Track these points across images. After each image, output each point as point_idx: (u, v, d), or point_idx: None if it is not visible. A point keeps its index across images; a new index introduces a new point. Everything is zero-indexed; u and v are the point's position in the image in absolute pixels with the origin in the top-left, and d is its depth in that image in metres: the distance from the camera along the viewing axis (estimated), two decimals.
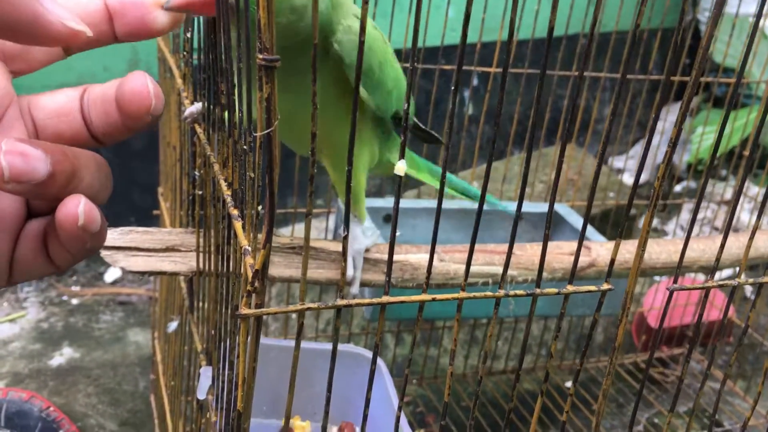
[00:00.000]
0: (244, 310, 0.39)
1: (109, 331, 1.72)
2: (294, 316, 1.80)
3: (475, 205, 1.33)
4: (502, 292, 0.45)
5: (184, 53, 0.72)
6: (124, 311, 1.81)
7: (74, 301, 1.82)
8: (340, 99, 0.66)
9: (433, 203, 1.32)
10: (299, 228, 1.95)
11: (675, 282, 0.51)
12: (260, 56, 0.33)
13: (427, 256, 0.79)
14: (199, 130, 0.64)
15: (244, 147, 0.43)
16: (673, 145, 0.44)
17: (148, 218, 1.94)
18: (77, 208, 0.32)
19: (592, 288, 0.47)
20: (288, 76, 0.54)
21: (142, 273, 0.69)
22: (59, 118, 0.36)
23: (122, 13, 0.35)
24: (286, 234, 1.07)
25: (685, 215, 2.36)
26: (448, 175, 0.91)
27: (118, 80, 0.36)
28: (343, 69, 0.63)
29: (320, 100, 0.62)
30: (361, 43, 0.35)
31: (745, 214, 2.22)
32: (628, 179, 2.56)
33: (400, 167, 0.39)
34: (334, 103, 0.66)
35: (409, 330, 1.57)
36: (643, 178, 2.63)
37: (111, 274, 1.93)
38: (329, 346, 0.78)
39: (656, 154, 2.45)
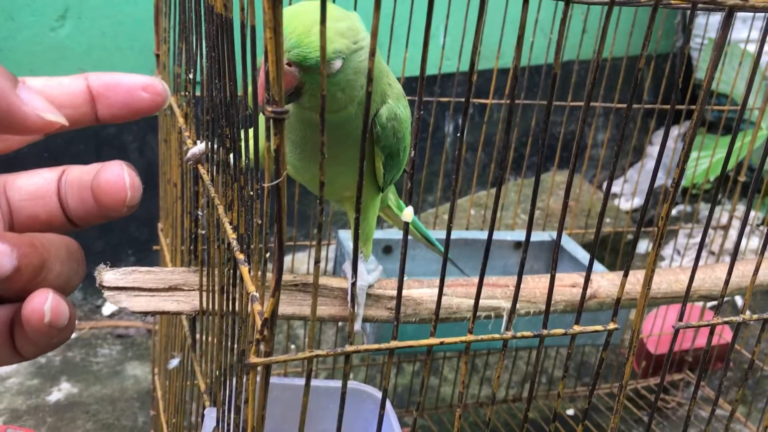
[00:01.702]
0: (252, 359, 0.39)
1: (107, 365, 1.71)
2: (293, 346, 1.80)
3: (473, 235, 1.33)
4: (509, 334, 0.45)
5: (186, 93, 0.72)
6: (122, 344, 1.80)
7: (72, 335, 1.81)
8: (368, 160, 0.68)
9: (431, 234, 1.32)
10: (299, 257, 1.95)
11: (681, 317, 0.52)
12: (269, 108, 0.34)
13: (428, 291, 0.79)
14: (202, 170, 0.64)
15: (251, 193, 0.43)
16: (676, 185, 0.45)
17: (146, 251, 1.94)
18: (43, 305, 0.31)
19: (599, 328, 0.47)
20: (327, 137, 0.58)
21: (146, 313, 0.69)
22: (35, 200, 0.35)
23: (106, 96, 0.35)
24: (285, 264, 1.06)
25: (681, 239, 2.37)
26: (418, 224, 0.97)
27: (96, 165, 0.35)
28: (374, 142, 0.66)
29: (348, 159, 0.65)
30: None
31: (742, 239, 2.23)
32: (624, 204, 2.57)
33: (408, 213, 0.39)
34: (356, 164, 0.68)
35: (409, 360, 1.57)
36: (637, 202, 2.64)
37: (109, 307, 1.92)
38: (332, 383, 0.78)
39: (654, 181, 2.46)
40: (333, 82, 0.57)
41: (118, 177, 0.34)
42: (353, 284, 0.39)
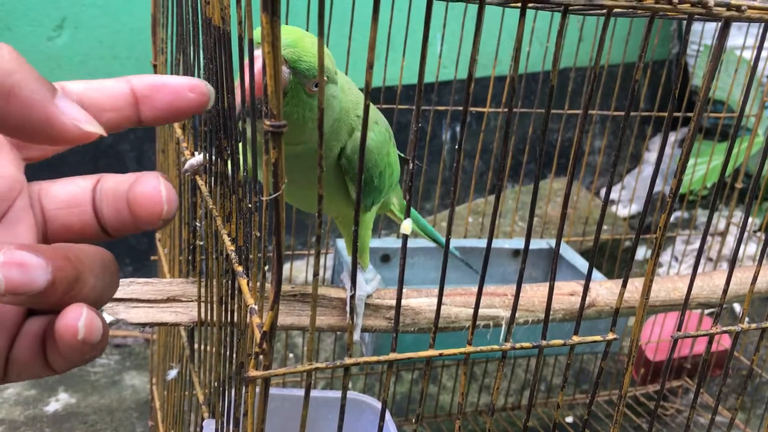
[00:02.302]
0: (251, 372, 0.39)
1: (105, 375, 1.71)
2: (292, 354, 1.79)
3: (471, 243, 1.33)
4: (508, 345, 0.45)
5: None
6: (120, 354, 1.79)
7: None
8: (341, 187, 0.69)
9: (429, 243, 1.32)
10: (297, 266, 1.95)
11: (680, 326, 0.52)
12: (267, 122, 0.34)
13: (427, 300, 0.79)
14: (200, 182, 0.64)
15: (249, 206, 0.43)
16: (674, 194, 0.45)
17: (144, 260, 1.94)
18: (77, 321, 0.30)
19: (598, 338, 0.47)
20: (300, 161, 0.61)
21: (143, 324, 0.69)
22: (69, 209, 0.35)
23: (151, 97, 0.35)
24: (283, 274, 1.06)
25: (678, 246, 2.37)
26: (420, 219, 0.97)
27: (132, 175, 0.34)
28: (343, 173, 0.68)
29: (330, 180, 0.66)
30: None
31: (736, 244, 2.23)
32: (621, 210, 2.58)
33: (406, 226, 0.39)
34: (336, 189, 0.69)
35: (407, 368, 1.56)
36: (634, 209, 2.64)
37: (106, 317, 1.92)
38: (331, 393, 0.78)
39: (651, 190, 2.47)
40: (310, 103, 0.57)
41: (154, 190, 0.33)
42: (352, 296, 0.39)
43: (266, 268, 0.41)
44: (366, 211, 0.75)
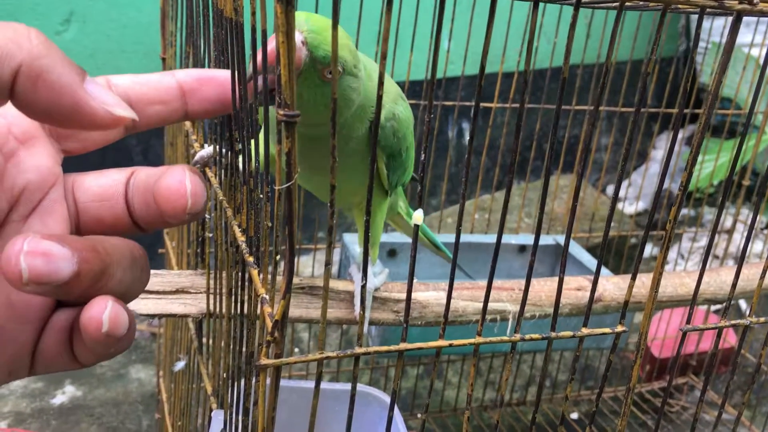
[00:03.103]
0: (263, 360, 0.39)
1: (111, 368, 1.71)
2: (297, 349, 1.80)
3: (478, 239, 1.33)
4: (517, 337, 0.45)
5: None
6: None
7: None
8: (366, 164, 0.69)
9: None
10: (303, 261, 1.95)
11: (689, 320, 0.52)
12: (281, 112, 0.34)
13: (434, 294, 0.80)
14: (210, 173, 0.64)
15: (261, 196, 0.44)
16: (684, 188, 0.45)
17: (151, 254, 1.94)
18: (102, 314, 0.30)
19: (607, 330, 0.47)
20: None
21: (152, 316, 0.69)
22: (101, 202, 0.34)
23: (200, 90, 0.35)
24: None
25: (685, 243, 2.37)
26: (427, 231, 1.00)
27: (163, 169, 0.34)
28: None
29: (355, 163, 0.67)
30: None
31: (744, 241, 2.22)
32: (628, 208, 2.57)
33: (418, 216, 0.39)
34: (363, 167, 0.69)
35: (413, 364, 1.57)
36: (641, 206, 2.64)
37: None
38: (338, 386, 0.78)
39: (660, 188, 2.46)
40: (322, 88, 0.58)
41: (179, 183, 0.33)
42: (363, 286, 0.39)
43: (278, 258, 0.41)
44: (390, 190, 0.75)
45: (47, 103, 0.29)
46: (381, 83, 0.35)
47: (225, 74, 0.36)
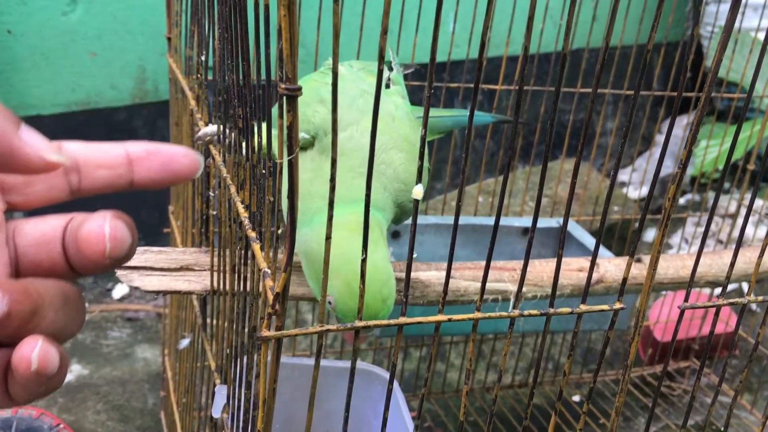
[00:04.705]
0: (264, 333, 0.40)
1: (117, 347, 1.73)
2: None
3: (481, 221, 1.34)
4: (516, 312, 0.45)
5: (198, 75, 0.73)
6: (132, 327, 1.81)
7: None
8: None
9: (439, 219, 1.33)
10: None
11: (686, 300, 0.52)
12: (282, 86, 0.34)
13: (436, 273, 0.80)
14: (214, 151, 0.65)
15: (263, 171, 0.44)
16: (683, 166, 0.45)
17: (157, 235, 1.95)
18: (31, 353, 0.31)
19: (605, 307, 0.47)
20: None
21: (157, 292, 0.70)
22: (39, 247, 0.35)
23: (147, 159, 0.36)
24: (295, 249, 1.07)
25: (689, 228, 2.37)
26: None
27: (90, 215, 0.35)
28: None
29: None
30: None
31: (749, 227, 2.22)
32: (632, 192, 2.57)
33: (418, 191, 0.40)
34: None
35: (416, 345, 1.57)
36: (645, 190, 2.64)
37: (119, 291, 1.94)
38: (341, 363, 0.79)
39: (660, 167, 2.46)
40: None
41: (98, 228, 0.33)
42: (363, 260, 0.40)
43: (279, 232, 0.42)
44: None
45: None
46: (380, 79, 0.36)
47: (171, 148, 0.37)
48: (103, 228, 0.33)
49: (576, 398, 1.66)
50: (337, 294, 0.58)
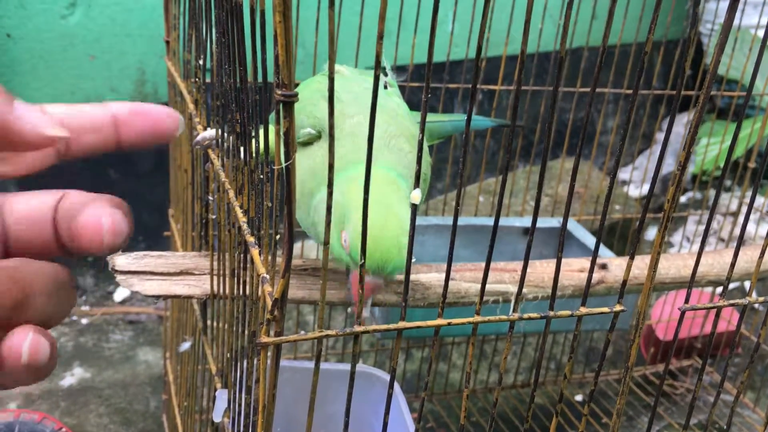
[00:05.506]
0: (263, 338, 0.40)
1: (119, 350, 1.73)
2: (303, 332, 1.80)
3: (482, 221, 1.33)
4: (516, 315, 0.45)
5: (197, 79, 0.73)
6: (134, 330, 1.81)
7: (84, 321, 1.83)
8: None
9: (440, 220, 1.33)
10: (308, 245, 1.96)
11: (687, 300, 0.52)
12: (278, 92, 0.34)
13: (437, 275, 0.80)
14: (212, 155, 0.65)
15: (261, 177, 0.44)
16: (682, 167, 0.45)
17: (157, 237, 1.95)
18: (21, 345, 0.30)
19: (605, 310, 0.47)
20: None
21: (157, 297, 0.70)
22: (28, 225, 0.34)
23: (132, 121, 0.36)
24: (294, 252, 1.07)
25: (690, 226, 2.36)
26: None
27: (91, 196, 0.34)
28: None
29: None
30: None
31: (750, 225, 2.22)
32: (633, 191, 2.57)
33: (415, 196, 0.40)
34: None
35: (417, 346, 1.57)
36: (646, 189, 2.63)
37: (120, 294, 1.94)
38: (342, 366, 0.79)
39: (660, 165, 2.46)
40: None
41: (95, 220, 0.33)
42: (362, 266, 0.40)
43: (278, 237, 0.41)
44: None
45: None
46: (376, 83, 0.36)
47: (154, 108, 0.36)
48: (100, 219, 0.33)
49: (579, 398, 1.66)
50: (355, 232, 0.59)
